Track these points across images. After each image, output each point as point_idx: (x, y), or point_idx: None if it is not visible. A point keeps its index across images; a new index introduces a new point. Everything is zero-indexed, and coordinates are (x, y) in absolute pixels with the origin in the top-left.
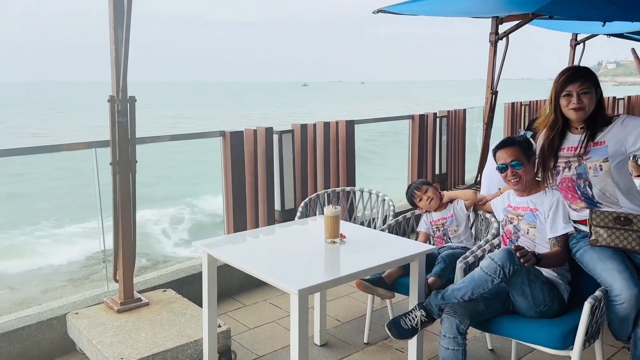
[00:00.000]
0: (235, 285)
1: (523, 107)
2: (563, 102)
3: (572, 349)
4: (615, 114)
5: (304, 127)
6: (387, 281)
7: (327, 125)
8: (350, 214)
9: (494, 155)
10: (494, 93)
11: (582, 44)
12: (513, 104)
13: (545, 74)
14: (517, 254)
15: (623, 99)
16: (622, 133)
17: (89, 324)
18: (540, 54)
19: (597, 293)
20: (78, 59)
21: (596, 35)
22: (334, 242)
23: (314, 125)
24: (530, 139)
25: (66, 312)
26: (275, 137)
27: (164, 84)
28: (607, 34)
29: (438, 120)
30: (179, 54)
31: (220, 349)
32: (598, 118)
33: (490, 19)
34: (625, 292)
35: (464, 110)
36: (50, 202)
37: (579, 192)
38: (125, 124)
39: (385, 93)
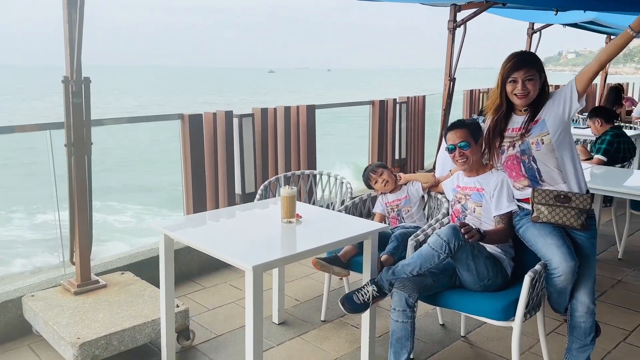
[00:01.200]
0: (195, 268)
1: (481, 94)
2: (509, 87)
3: (513, 320)
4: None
5: (264, 111)
6: (342, 260)
7: (287, 109)
8: (310, 197)
9: (445, 137)
10: (452, 80)
11: (538, 33)
12: (472, 91)
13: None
14: (462, 230)
15: None
16: (553, 104)
17: (45, 306)
18: (500, 44)
19: (537, 267)
20: (33, 44)
21: (551, 24)
22: (290, 221)
23: (275, 109)
24: (481, 123)
25: (22, 295)
26: (236, 121)
27: (124, 68)
28: (562, 24)
29: (398, 106)
30: (141, 38)
31: (178, 329)
32: (541, 101)
33: (449, 6)
34: (563, 265)
35: (424, 97)
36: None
37: (523, 169)
38: (80, 105)
39: (352, 80)
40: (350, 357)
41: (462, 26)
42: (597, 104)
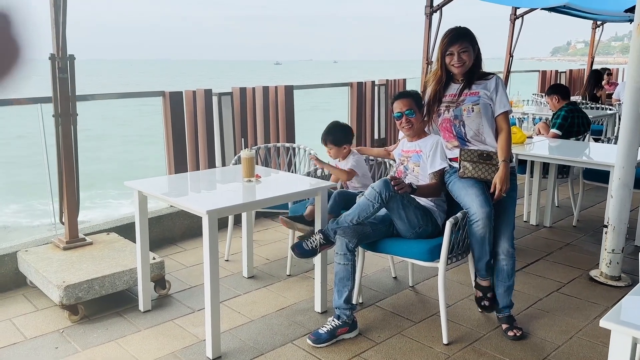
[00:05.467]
0: (177, 233)
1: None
2: (447, 59)
3: (438, 261)
4: (492, 72)
5: (242, 90)
6: (307, 219)
7: (266, 89)
8: (289, 167)
9: (392, 105)
10: (429, 63)
11: (520, 19)
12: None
13: (491, 51)
14: (392, 182)
15: (565, 72)
16: (491, 91)
17: (37, 258)
18: (485, 31)
19: (459, 214)
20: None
21: (535, 9)
22: (250, 180)
23: (253, 89)
24: (421, 94)
25: (17, 251)
26: (215, 99)
27: (130, 61)
28: (546, 9)
29: (376, 88)
30: (147, 32)
31: (154, 278)
32: (475, 71)
33: None
34: (479, 211)
35: (404, 80)
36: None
37: (454, 131)
38: (65, 80)
39: (358, 71)
40: (307, 302)
41: (439, 11)
42: (581, 87)
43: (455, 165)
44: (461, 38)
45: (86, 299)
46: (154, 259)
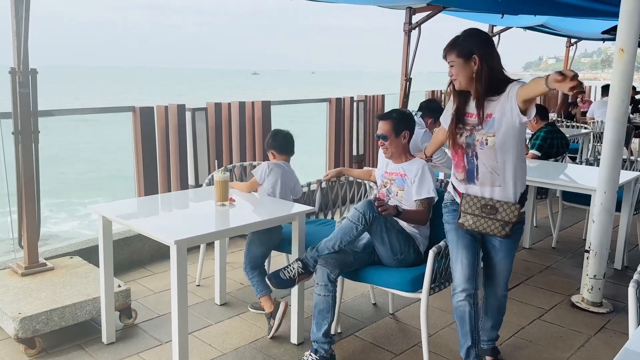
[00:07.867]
0: (146, 255)
1: (443, 95)
2: None
3: (421, 291)
4: (512, 79)
5: (218, 105)
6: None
7: (242, 105)
8: None
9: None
10: (408, 80)
11: (497, 36)
12: (433, 91)
13: None
14: (376, 203)
15: None
16: (507, 103)
17: None
18: None
19: (442, 243)
20: None
21: (510, 27)
22: (223, 205)
23: (229, 104)
24: (416, 118)
25: None
26: (188, 115)
27: (106, 68)
28: (523, 27)
29: (355, 104)
30: (125, 39)
31: (120, 307)
32: (490, 86)
33: (405, 9)
34: (463, 285)
35: (383, 96)
36: None
37: (465, 160)
38: (27, 96)
39: (337, 83)
40: (282, 332)
41: (417, 28)
42: (556, 104)
43: (458, 200)
44: (447, 50)
45: (44, 332)
46: (119, 286)
